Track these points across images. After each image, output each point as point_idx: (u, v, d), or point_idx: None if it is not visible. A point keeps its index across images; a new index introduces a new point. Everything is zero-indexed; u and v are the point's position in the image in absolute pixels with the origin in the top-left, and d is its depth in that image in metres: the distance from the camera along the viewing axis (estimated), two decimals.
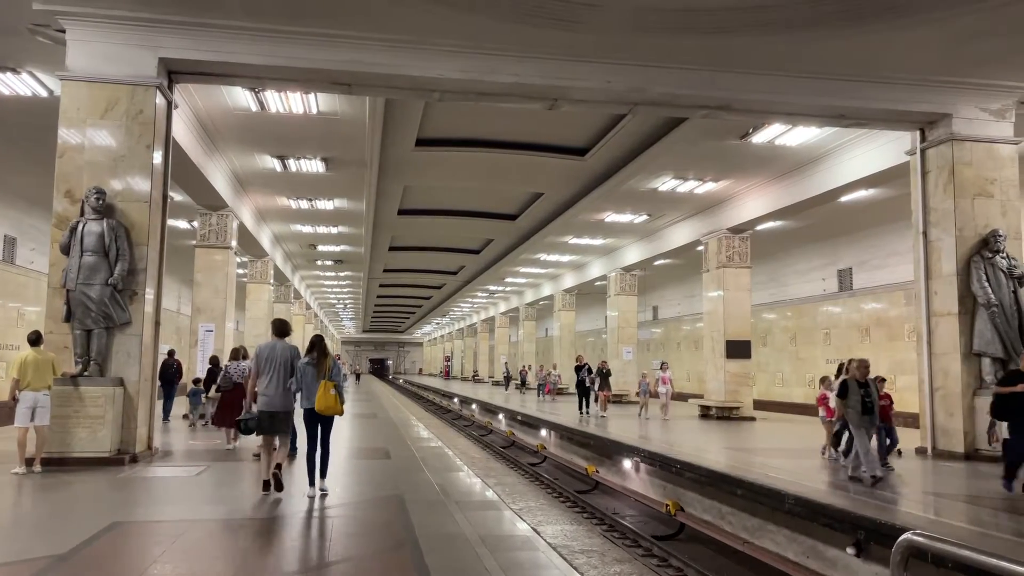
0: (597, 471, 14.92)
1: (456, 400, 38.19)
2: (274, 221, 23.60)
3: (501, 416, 26.12)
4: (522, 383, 39.43)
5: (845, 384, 9.48)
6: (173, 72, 10.39)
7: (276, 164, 16.58)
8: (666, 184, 17.90)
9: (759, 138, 14.23)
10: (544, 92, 11.02)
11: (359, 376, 59.14)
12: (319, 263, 33.60)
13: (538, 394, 31.73)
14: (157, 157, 10.11)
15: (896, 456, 11.53)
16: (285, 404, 7.80)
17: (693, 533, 10.51)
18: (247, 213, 20.24)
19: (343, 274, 38.01)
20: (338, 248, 28.92)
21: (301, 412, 7.87)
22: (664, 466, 11.89)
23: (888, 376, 13.52)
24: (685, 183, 17.82)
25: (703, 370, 22.42)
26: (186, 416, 15.48)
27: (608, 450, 14.74)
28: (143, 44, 9.83)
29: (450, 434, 25.49)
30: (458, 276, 39.11)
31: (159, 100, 10.06)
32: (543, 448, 19.05)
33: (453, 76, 10.49)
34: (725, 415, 19.54)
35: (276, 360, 7.73)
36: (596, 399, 20.61)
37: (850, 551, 7.44)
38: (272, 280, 26.39)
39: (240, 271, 23.34)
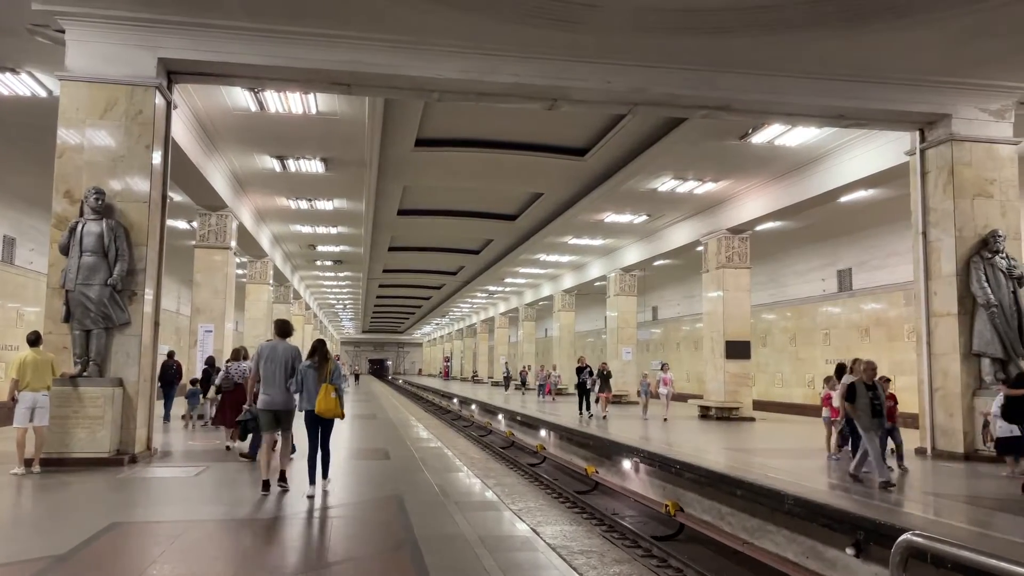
0: (596, 472, 14.93)
1: (456, 401, 38.16)
2: (273, 221, 23.60)
3: (501, 417, 26.11)
4: (522, 384, 39.42)
5: (853, 387, 9.25)
6: (172, 72, 10.39)
7: (275, 164, 16.58)
8: (666, 184, 17.91)
9: (759, 138, 14.23)
10: (544, 92, 11.01)
11: (358, 377, 59.15)
12: (318, 263, 33.59)
13: (539, 395, 31.75)
14: (156, 157, 10.10)
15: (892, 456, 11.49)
16: (286, 403, 7.89)
17: (693, 534, 10.51)
18: (246, 213, 20.24)
19: (342, 274, 38.00)
20: (337, 248, 28.93)
21: (302, 414, 7.96)
22: (663, 466, 11.89)
23: (888, 376, 13.47)
24: (685, 183, 17.83)
25: (703, 371, 22.41)
26: (184, 417, 15.47)
27: (607, 450, 14.72)
28: (142, 44, 9.83)
29: (450, 435, 25.48)
30: (457, 276, 39.11)
31: (158, 100, 10.05)
32: (542, 449, 19.05)
33: (453, 76, 10.49)
34: (725, 416, 19.54)
35: (277, 360, 7.82)
36: (597, 400, 20.60)
37: (849, 552, 7.44)
38: (271, 281, 26.39)
39: (239, 271, 23.33)
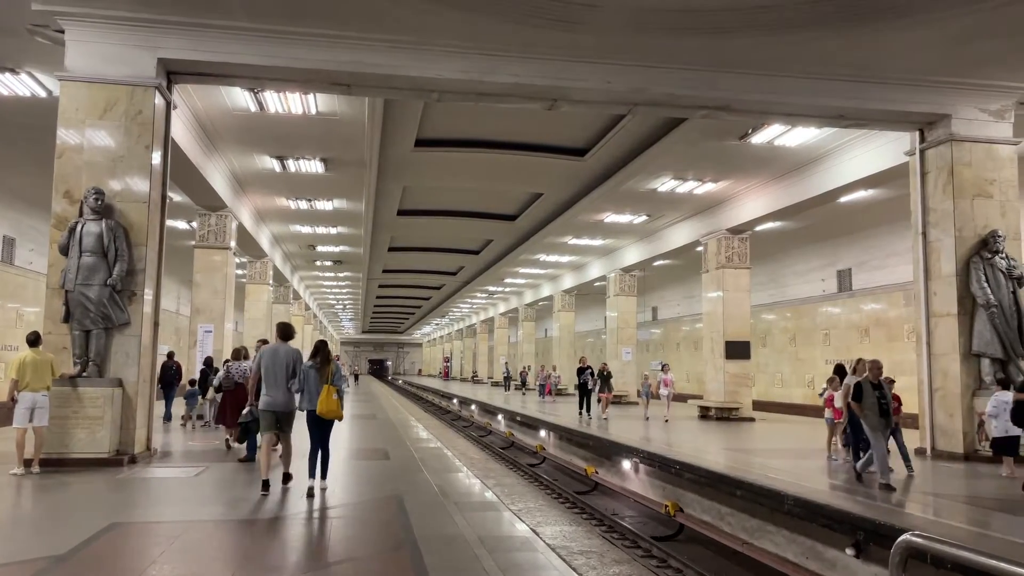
0: (596, 472, 14.92)
1: (455, 401, 38.15)
2: (273, 222, 23.59)
3: (500, 417, 26.10)
4: (522, 384, 39.41)
5: (860, 387, 9.19)
6: (172, 72, 10.39)
7: (275, 164, 16.58)
8: (665, 184, 17.91)
9: (758, 138, 14.23)
10: (544, 92, 11.01)
11: (358, 377, 59.20)
12: (318, 264, 33.59)
13: (539, 395, 31.76)
14: (156, 157, 10.10)
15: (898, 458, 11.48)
16: (287, 404, 7.98)
17: (692, 534, 10.51)
18: (246, 214, 20.24)
19: (342, 275, 38.00)
20: (337, 249, 28.93)
21: (303, 414, 8.02)
22: (663, 467, 11.89)
23: (892, 377, 13.46)
24: (684, 183, 17.83)
25: (702, 371, 22.41)
26: (184, 417, 15.45)
27: (607, 451, 14.72)
28: (142, 44, 9.82)
29: (449, 435, 25.47)
30: (457, 277, 39.10)
31: (158, 100, 10.05)
32: (542, 449, 19.04)
33: (453, 76, 10.49)
34: (724, 416, 19.54)
35: (279, 362, 7.88)
36: (598, 401, 20.60)
37: (849, 552, 7.44)
38: (271, 281, 26.37)
39: (239, 272, 23.32)
